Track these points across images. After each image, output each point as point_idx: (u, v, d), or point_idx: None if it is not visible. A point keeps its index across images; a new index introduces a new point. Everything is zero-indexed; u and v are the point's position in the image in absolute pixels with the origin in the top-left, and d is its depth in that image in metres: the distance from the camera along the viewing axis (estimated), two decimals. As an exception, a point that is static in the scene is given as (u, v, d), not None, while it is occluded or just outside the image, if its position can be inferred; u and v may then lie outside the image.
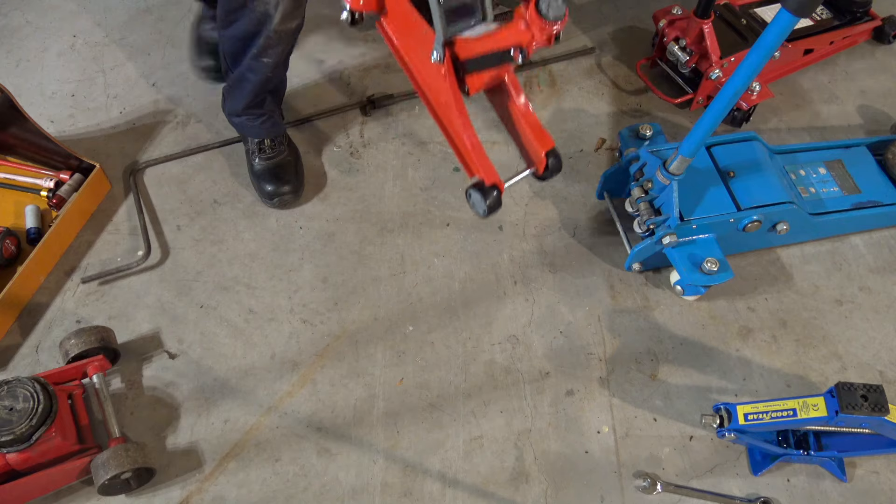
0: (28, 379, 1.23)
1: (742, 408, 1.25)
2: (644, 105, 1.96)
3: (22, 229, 1.64)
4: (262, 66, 1.54)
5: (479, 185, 1.33)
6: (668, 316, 1.57)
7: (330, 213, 1.72)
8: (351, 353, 1.51)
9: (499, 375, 1.48)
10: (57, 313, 1.55)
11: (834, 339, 1.54)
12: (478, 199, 1.34)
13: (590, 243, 1.68)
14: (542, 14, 1.17)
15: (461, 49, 1.27)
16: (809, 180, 1.67)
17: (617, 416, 1.43)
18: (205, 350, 1.51)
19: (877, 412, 1.13)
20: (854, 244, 1.69)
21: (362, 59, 2.06)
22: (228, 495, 1.33)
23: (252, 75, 1.57)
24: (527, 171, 1.40)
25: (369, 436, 1.40)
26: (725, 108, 1.29)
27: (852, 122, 1.93)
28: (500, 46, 1.23)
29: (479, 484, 1.35)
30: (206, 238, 1.67)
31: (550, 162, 1.38)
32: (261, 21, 1.46)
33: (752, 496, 1.33)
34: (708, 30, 1.78)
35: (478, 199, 1.34)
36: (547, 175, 1.42)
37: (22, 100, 1.61)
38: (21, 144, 1.71)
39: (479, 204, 1.34)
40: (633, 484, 1.35)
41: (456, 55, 1.27)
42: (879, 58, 2.10)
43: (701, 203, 1.50)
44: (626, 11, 2.21)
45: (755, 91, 1.78)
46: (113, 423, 1.34)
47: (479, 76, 1.31)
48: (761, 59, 1.19)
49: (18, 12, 2.13)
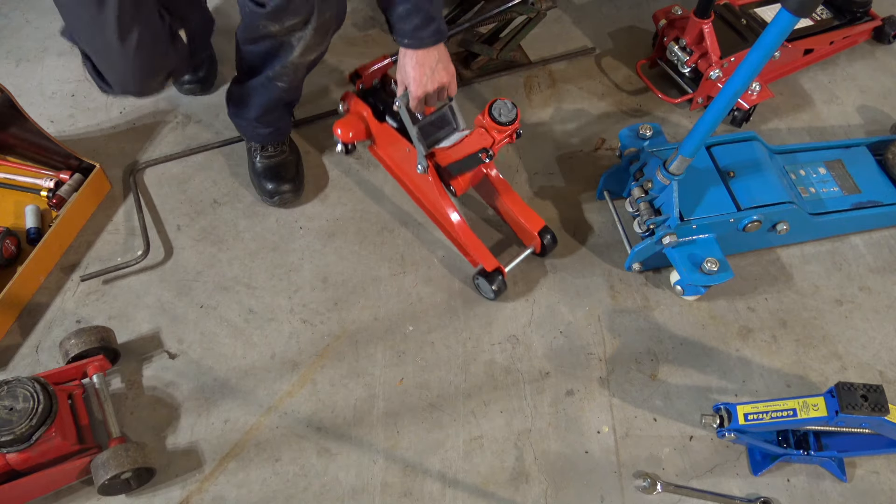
0: (28, 379, 1.23)
1: (742, 408, 1.25)
2: (644, 105, 1.96)
3: (22, 229, 1.64)
4: (276, 89, 1.54)
5: (483, 273, 1.51)
6: (668, 316, 1.57)
7: (330, 213, 1.72)
8: (351, 353, 1.51)
9: (499, 375, 1.48)
10: (57, 313, 1.55)
11: (834, 339, 1.54)
12: (484, 285, 1.53)
13: (590, 243, 1.68)
14: (496, 120, 1.35)
15: (440, 158, 1.48)
16: (809, 180, 1.67)
17: (617, 416, 1.43)
18: (205, 350, 1.51)
19: (877, 412, 1.13)
20: (854, 244, 1.69)
21: (362, 59, 2.05)
22: (228, 495, 1.33)
23: (265, 92, 1.56)
24: (526, 251, 1.59)
25: (369, 436, 1.40)
26: (725, 108, 1.29)
27: (852, 122, 1.93)
28: (470, 151, 1.42)
29: (479, 484, 1.35)
30: (206, 238, 1.67)
31: (546, 240, 1.57)
32: (281, 50, 1.44)
33: (752, 496, 1.33)
34: (708, 30, 1.78)
35: (484, 285, 1.53)
36: (545, 252, 1.61)
37: (22, 100, 1.60)
38: (21, 144, 1.71)
39: (486, 290, 1.54)
40: (633, 484, 1.35)
41: (437, 164, 1.49)
42: (879, 58, 2.10)
43: (701, 203, 1.50)
44: (626, 11, 2.21)
45: (755, 91, 1.78)
46: (113, 423, 1.34)
47: (462, 178, 1.52)
48: (761, 59, 1.19)
49: (18, 12, 2.13)
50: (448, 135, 1.50)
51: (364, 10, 2.19)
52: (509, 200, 1.58)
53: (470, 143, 1.42)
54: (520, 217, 1.57)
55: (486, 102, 1.99)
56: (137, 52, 1.36)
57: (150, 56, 1.41)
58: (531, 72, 2.03)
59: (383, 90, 1.64)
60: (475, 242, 1.53)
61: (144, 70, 1.42)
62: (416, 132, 1.45)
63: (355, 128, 1.61)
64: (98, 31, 1.34)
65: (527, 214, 1.57)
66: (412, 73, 1.41)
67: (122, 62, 1.38)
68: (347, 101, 1.64)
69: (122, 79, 1.43)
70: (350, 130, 1.61)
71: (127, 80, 1.43)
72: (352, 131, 1.61)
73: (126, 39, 1.34)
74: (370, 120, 1.60)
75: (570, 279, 1.62)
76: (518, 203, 1.59)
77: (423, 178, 1.55)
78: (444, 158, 1.48)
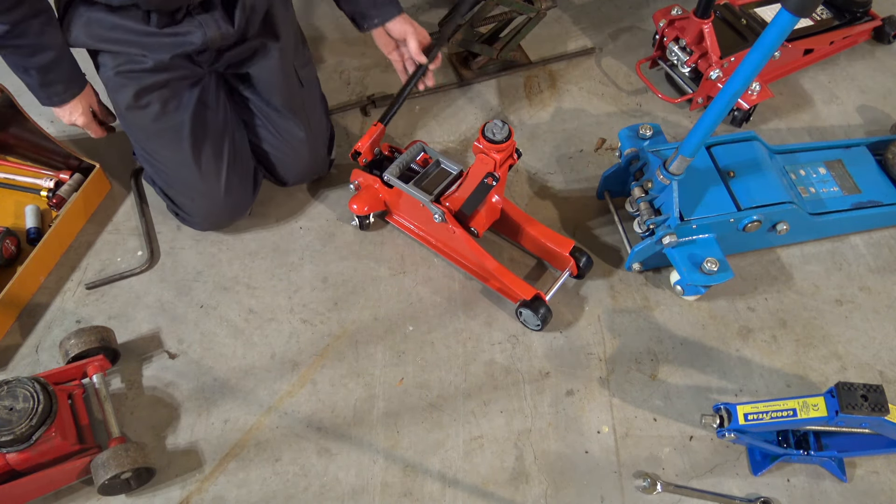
0: (28, 379, 1.23)
1: (742, 408, 1.25)
2: (644, 105, 1.96)
3: (22, 229, 1.64)
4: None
5: (525, 303, 1.49)
6: (668, 316, 1.57)
7: (330, 213, 1.72)
8: (351, 353, 1.51)
9: (499, 375, 1.48)
10: (57, 313, 1.55)
11: (834, 339, 1.54)
12: (529, 315, 1.50)
13: (590, 243, 1.68)
14: (492, 140, 1.33)
15: (452, 203, 1.49)
16: (809, 180, 1.67)
17: (617, 416, 1.43)
18: (205, 350, 1.51)
19: (877, 412, 1.13)
20: (854, 244, 1.69)
21: (362, 59, 2.06)
22: (228, 495, 1.33)
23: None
24: (564, 276, 1.56)
25: (369, 436, 1.40)
26: (725, 108, 1.29)
27: (852, 122, 1.93)
28: (476, 181, 1.41)
29: (479, 484, 1.35)
30: (206, 238, 1.67)
31: (582, 261, 1.55)
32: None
33: (752, 496, 1.33)
34: (708, 30, 1.78)
35: (529, 315, 1.50)
36: (583, 272, 1.58)
37: (22, 100, 1.60)
38: (21, 144, 1.71)
39: (531, 320, 1.51)
40: (633, 484, 1.35)
41: (450, 209, 1.49)
42: (879, 58, 2.10)
43: (701, 203, 1.50)
44: (626, 11, 2.21)
45: (755, 91, 1.78)
46: (113, 423, 1.34)
47: (479, 217, 1.51)
48: (761, 59, 1.19)
49: (18, 12, 2.13)
50: (450, 181, 1.52)
51: (364, 10, 2.19)
52: (533, 229, 1.57)
53: (474, 174, 1.41)
54: (548, 242, 1.55)
55: (486, 102, 1.99)
56: (228, 197, 1.57)
57: (243, 199, 1.62)
58: (531, 72, 2.03)
59: (386, 158, 1.64)
60: (513, 279, 1.50)
61: (238, 210, 1.64)
62: (413, 189, 1.49)
63: (369, 200, 1.61)
64: (201, 186, 1.54)
65: (555, 238, 1.56)
66: (409, 28, 1.55)
67: (217, 207, 1.59)
68: (356, 178, 1.64)
69: (215, 220, 1.64)
70: (365, 204, 1.60)
71: (221, 221, 1.65)
72: (366, 205, 1.60)
73: (228, 192, 1.56)
74: (381, 189, 1.60)
75: (571, 279, 1.62)
76: (542, 229, 1.57)
77: (444, 231, 1.55)
78: (455, 201, 1.48)
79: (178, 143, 1.48)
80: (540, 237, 1.56)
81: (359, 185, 1.64)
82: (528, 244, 1.63)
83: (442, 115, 1.93)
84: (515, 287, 1.48)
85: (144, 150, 1.54)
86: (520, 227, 1.58)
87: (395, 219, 1.67)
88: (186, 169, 1.50)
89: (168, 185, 1.58)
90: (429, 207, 1.48)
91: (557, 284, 1.53)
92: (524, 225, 1.58)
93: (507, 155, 1.37)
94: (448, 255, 1.62)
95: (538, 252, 1.63)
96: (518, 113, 1.94)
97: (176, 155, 1.50)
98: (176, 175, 1.53)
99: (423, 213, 1.53)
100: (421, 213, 1.56)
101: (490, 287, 1.59)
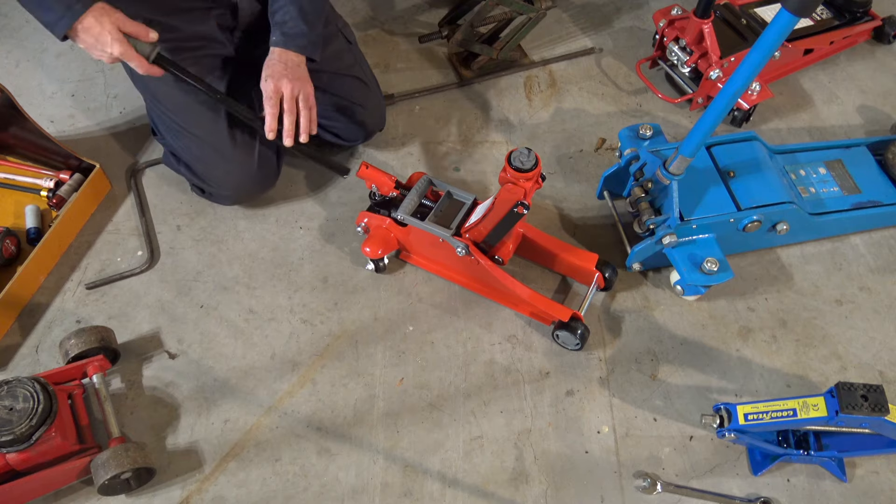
0: (28, 379, 1.23)
1: (742, 408, 1.25)
2: (644, 105, 1.96)
3: (22, 229, 1.64)
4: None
5: (562, 325, 1.46)
6: (668, 316, 1.57)
7: (330, 213, 1.72)
8: (351, 353, 1.51)
9: (499, 375, 1.48)
10: (57, 313, 1.55)
11: (834, 339, 1.54)
12: (567, 336, 1.48)
13: (590, 243, 1.68)
14: (521, 169, 1.28)
15: (475, 235, 1.45)
16: (809, 180, 1.67)
17: (617, 416, 1.43)
18: (205, 350, 1.51)
19: (877, 412, 1.13)
20: (854, 244, 1.69)
21: (362, 59, 2.06)
22: (228, 495, 1.33)
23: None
24: (592, 290, 1.54)
25: (369, 436, 1.40)
26: (725, 108, 1.29)
27: (852, 122, 1.93)
28: (504, 212, 1.35)
29: (479, 484, 1.35)
30: (206, 238, 1.67)
31: (608, 273, 1.54)
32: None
33: (752, 496, 1.33)
34: (708, 30, 1.78)
35: (567, 336, 1.48)
36: (610, 285, 1.58)
37: (22, 100, 1.61)
38: (21, 144, 1.71)
39: (569, 340, 1.49)
40: (633, 484, 1.35)
41: (474, 241, 1.45)
42: (879, 58, 2.10)
43: (701, 203, 1.50)
44: (626, 11, 2.21)
45: (755, 91, 1.78)
46: (113, 423, 1.34)
47: (504, 246, 1.48)
48: (761, 59, 1.19)
49: (18, 12, 2.13)
50: (466, 211, 1.49)
51: (364, 10, 2.19)
52: (557, 248, 1.55)
53: (502, 203, 1.33)
54: (573, 259, 1.54)
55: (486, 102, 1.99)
56: (261, 169, 1.60)
57: (272, 171, 1.64)
58: (531, 72, 2.03)
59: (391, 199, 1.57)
60: (548, 303, 1.47)
61: (268, 181, 1.65)
62: (429, 226, 1.46)
63: (381, 242, 1.53)
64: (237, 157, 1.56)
65: (579, 255, 1.54)
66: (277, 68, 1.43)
67: (250, 178, 1.60)
68: (363, 220, 1.57)
69: (248, 191, 1.65)
70: (378, 247, 1.53)
71: (253, 191, 1.67)
72: (380, 247, 1.53)
73: (261, 163, 1.59)
74: (393, 228, 1.54)
75: (571, 279, 1.62)
76: (566, 247, 1.55)
77: (468, 265, 1.51)
78: (478, 234, 1.44)
79: (217, 114, 1.52)
80: (564, 255, 1.54)
81: (366, 226, 1.58)
82: (551, 263, 1.60)
83: (442, 115, 1.93)
84: (551, 310, 1.46)
85: (177, 124, 1.55)
86: (542, 247, 1.56)
87: (411, 257, 1.62)
88: (222, 141, 1.53)
89: (198, 160, 1.59)
90: (450, 242, 1.45)
91: (588, 300, 1.51)
92: (546, 245, 1.55)
93: (534, 182, 1.32)
94: (472, 287, 1.58)
95: (563, 270, 1.60)
96: (518, 113, 1.94)
97: (213, 125, 1.52)
98: (210, 147, 1.55)
99: (443, 247, 1.49)
100: (440, 248, 1.51)
101: (519, 312, 1.55)
